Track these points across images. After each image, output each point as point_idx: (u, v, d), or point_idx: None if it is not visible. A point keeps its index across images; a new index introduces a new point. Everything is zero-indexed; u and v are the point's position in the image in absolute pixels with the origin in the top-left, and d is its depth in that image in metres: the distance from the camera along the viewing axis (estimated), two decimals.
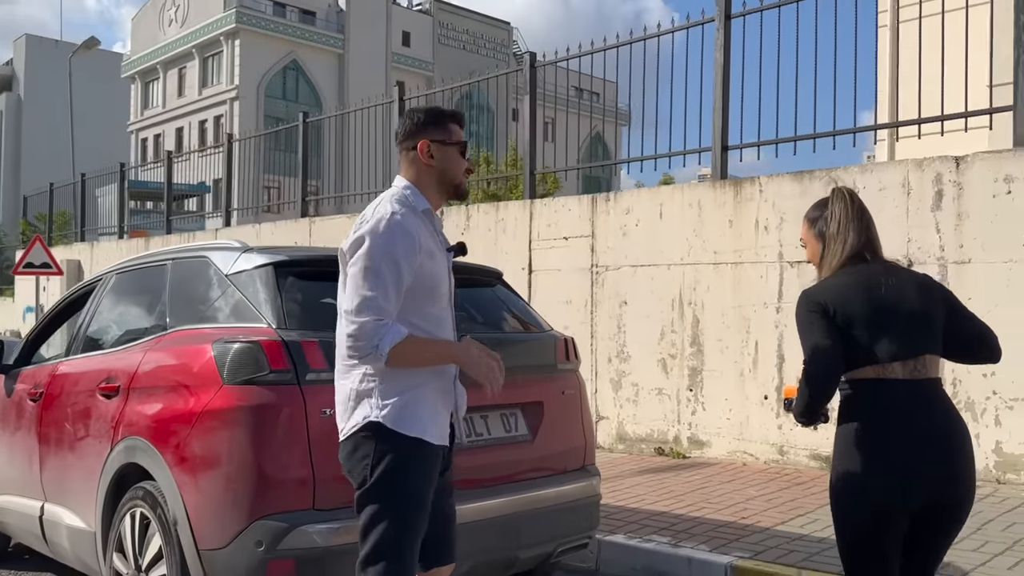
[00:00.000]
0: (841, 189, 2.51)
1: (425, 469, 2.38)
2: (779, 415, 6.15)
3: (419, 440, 2.35)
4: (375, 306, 2.26)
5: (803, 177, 6.18)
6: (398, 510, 2.33)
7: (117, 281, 4.10)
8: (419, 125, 2.49)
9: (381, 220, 2.35)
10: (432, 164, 2.47)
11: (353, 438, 2.36)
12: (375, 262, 2.29)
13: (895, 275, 2.39)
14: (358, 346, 2.28)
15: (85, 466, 3.52)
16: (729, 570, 3.90)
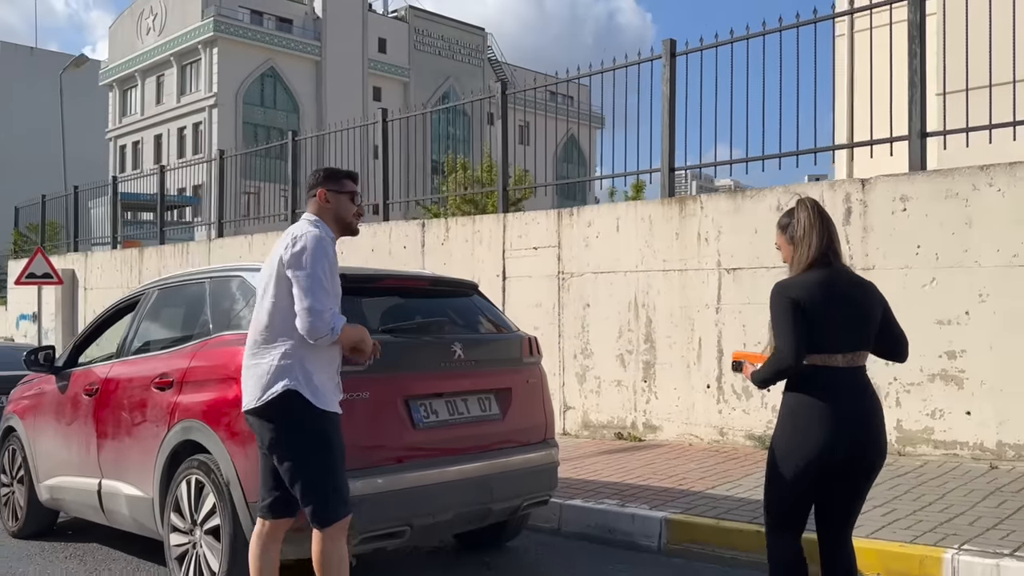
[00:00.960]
0: (804, 199, 3.06)
1: (323, 424, 3.18)
2: (719, 401, 7.11)
3: (326, 411, 3.20)
4: (328, 301, 3.14)
5: (736, 196, 7.15)
6: (312, 455, 3.14)
7: (159, 296, 4.96)
8: (320, 179, 3.42)
9: (315, 239, 3.21)
10: (328, 206, 3.39)
11: (272, 403, 3.14)
12: (319, 269, 3.16)
13: (848, 280, 2.94)
14: (320, 327, 3.10)
15: (143, 446, 4.38)
16: (663, 523, 4.83)
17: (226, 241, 12.91)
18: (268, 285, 3.26)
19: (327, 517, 3.15)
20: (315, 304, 3.11)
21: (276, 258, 3.24)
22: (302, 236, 3.24)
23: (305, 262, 3.16)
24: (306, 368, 3.17)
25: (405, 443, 3.93)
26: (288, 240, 3.25)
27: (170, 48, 46.90)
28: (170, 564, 4.13)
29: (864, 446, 2.89)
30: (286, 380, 3.15)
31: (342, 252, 10.37)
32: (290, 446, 3.17)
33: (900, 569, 3.97)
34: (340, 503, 3.19)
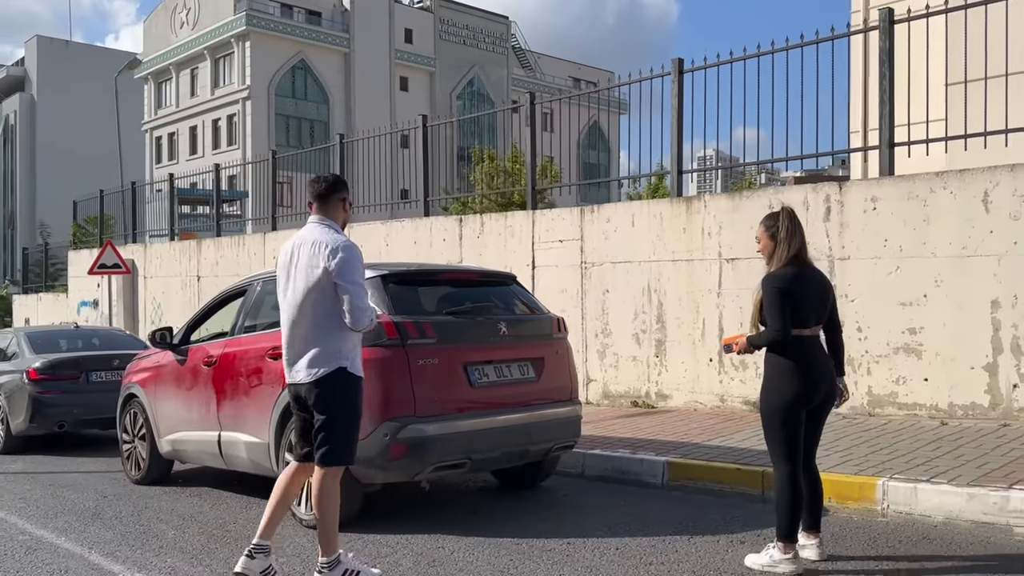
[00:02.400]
0: (786, 208, 4.24)
1: (360, 392, 4.03)
2: (720, 372, 8.29)
3: (360, 377, 4.06)
4: (367, 299, 3.95)
5: (734, 196, 8.29)
6: (346, 418, 3.98)
7: (264, 286, 6.22)
8: (342, 188, 4.12)
9: (349, 247, 3.89)
10: (344, 213, 4.13)
11: (331, 376, 3.92)
12: (359, 275, 3.91)
13: (814, 275, 4.20)
14: (365, 321, 3.89)
15: (259, 404, 5.65)
16: (665, 465, 6.04)
17: (280, 234, 14.19)
18: (314, 286, 3.89)
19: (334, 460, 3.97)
20: (361, 304, 3.89)
21: (318, 265, 3.87)
22: (339, 247, 3.89)
23: (348, 269, 3.87)
24: (347, 348, 3.97)
25: (465, 397, 5.17)
26: (326, 251, 3.87)
27: (204, 42, 48.35)
28: None
29: (830, 388, 4.15)
30: (336, 359, 3.93)
31: (387, 245, 11.63)
32: (333, 406, 3.94)
33: (846, 493, 5.14)
34: (348, 453, 4.01)
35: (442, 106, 54.23)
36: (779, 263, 4.11)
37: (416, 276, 5.72)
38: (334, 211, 4.06)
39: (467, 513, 5.57)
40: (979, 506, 4.65)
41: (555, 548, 4.52)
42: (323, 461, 3.93)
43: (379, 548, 4.65)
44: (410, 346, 5.04)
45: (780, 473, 4.09)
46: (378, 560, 4.40)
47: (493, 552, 4.49)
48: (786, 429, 4.07)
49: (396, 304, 5.23)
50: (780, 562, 4.00)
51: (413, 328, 5.09)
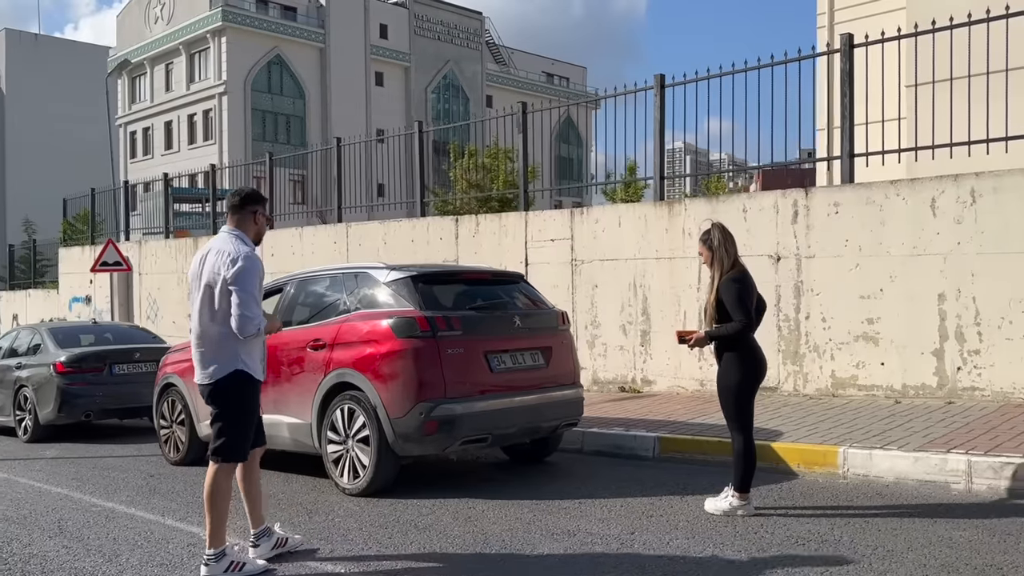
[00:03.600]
0: (716, 223, 5.20)
1: (255, 393, 4.33)
2: (700, 360, 9.16)
3: (256, 379, 4.29)
4: (256, 309, 4.07)
5: (712, 199, 9.17)
6: (239, 418, 4.24)
7: (299, 284, 6.96)
8: (255, 200, 4.29)
9: (249, 258, 4.05)
10: (255, 225, 4.29)
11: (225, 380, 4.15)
12: (251, 284, 4.05)
13: (750, 274, 5.13)
14: (250, 328, 4.01)
15: (301, 388, 6.39)
16: (656, 440, 6.89)
17: (278, 232, 14.83)
18: (216, 294, 4.06)
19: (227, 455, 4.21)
20: (247, 312, 4.02)
21: (218, 273, 4.05)
22: (239, 256, 4.05)
23: (242, 278, 4.02)
24: (244, 350, 4.16)
25: (486, 381, 5.98)
26: (227, 259, 4.04)
27: (179, 37, 48.40)
28: (328, 465, 6.17)
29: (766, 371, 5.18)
30: (232, 362, 4.11)
31: (385, 244, 12.41)
32: (229, 406, 4.19)
33: (812, 460, 6.04)
34: (241, 451, 4.25)
35: (417, 101, 54.79)
36: (725, 267, 5.04)
37: (439, 275, 6.50)
38: (246, 223, 4.24)
39: (486, 482, 6.38)
40: (923, 467, 5.56)
41: (569, 506, 5.35)
42: (217, 457, 4.18)
43: (419, 508, 5.43)
44: (440, 337, 5.82)
45: (738, 440, 5.05)
46: (420, 517, 5.19)
47: (517, 509, 5.30)
48: (742, 405, 5.04)
49: (425, 300, 6.01)
50: (739, 507, 4.96)
51: (442, 322, 5.87)
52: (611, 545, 4.44)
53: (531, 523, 4.96)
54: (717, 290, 5.10)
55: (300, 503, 5.81)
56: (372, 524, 5.10)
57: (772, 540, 4.43)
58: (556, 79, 65.42)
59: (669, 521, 4.90)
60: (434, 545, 4.60)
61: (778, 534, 4.54)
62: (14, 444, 10.08)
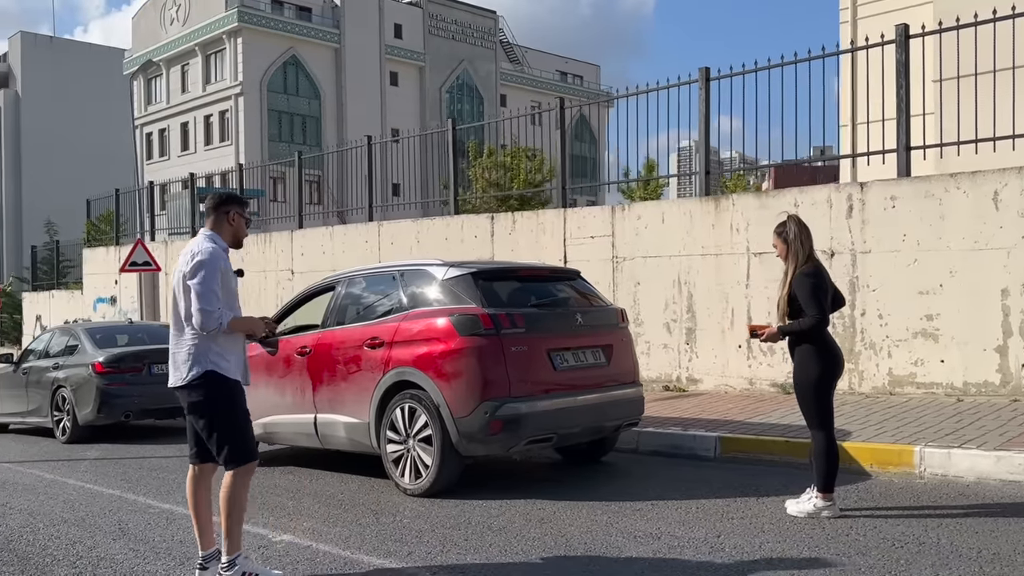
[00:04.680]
0: (792, 215, 5.06)
1: (233, 392, 4.04)
2: (749, 358, 9.00)
3: (235, 380, 4.06)
4: (216, 300, 3.90)
5: (761, 196, 9.00)
6: (225, 418, 3.98)
7: (351, 282, 6.84)
8: (230, 201, 4.18)
9: (208, 253, 3.94)
10: (231, 226, 4.17)
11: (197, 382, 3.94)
12: (209, 278, 3.90)
13: (825, 268, 5.02)
14: (210, 322, 3.85)
15: (358, 387, 6.26)
16: (717, 440, 6.74)
17: (307, 232, 14.77)
18: (180, 292, 3.99)
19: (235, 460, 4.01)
20: (205, 306, 3.89)
21: (181, 272, 3.99)
22: (199, 252, 3.97)
23: (200, 274, 3.92)
24: (215, 351, 3.98)
25: (550, 380, 5.84)
26: (188, 256, 3.99)
27: (195, 38, 48.43)
28: (387, 465, 6.05)
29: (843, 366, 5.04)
30: (202, 363, 3.96)
31: (418, 242, 12.36)
32: (212, 409, 3.98)
33: (885, 459, 5.87)
34: (247, 452, 4.02)
35: (432, 101, 54.70)
36: (800, 261, 4.88)
37: (498, 272, 6.37)
38: (220, 225, 4.17)
39: (545, 482, 6.24)
40: (1006, 467, 5.39)
41: (642, 508, 5.20)
42: (228, 464, 4.01)
43: (487, 510, 5.30)
44: (504, 335, 5.69)
45: (819, 437, 4.88)
46: (491, 519, 5.06)
47: (590, 511, 5.17)
48: (822, 401, 4.87)
49: (486, 297, 5.88)
50: (823, 508, 4.78)
51: (506, 319, 5.74)
52: (700, 549, 4.29)
53: (609, 525, 4.82)
54: (790, 284, 4.95)
55: (363, 504, 5.69)
56: (444, 525, 4.98)
57: (867, 543, 4.27)
58: (570, 77, 65.23)
59: (753, 524, 4.75)
60: (514, 548, 4.47)
61: (871, 536, 4.39)
62: (53, 445, 10.02)
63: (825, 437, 4.87)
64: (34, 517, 5.76)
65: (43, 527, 5.45)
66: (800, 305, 4.86)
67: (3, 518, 5.77)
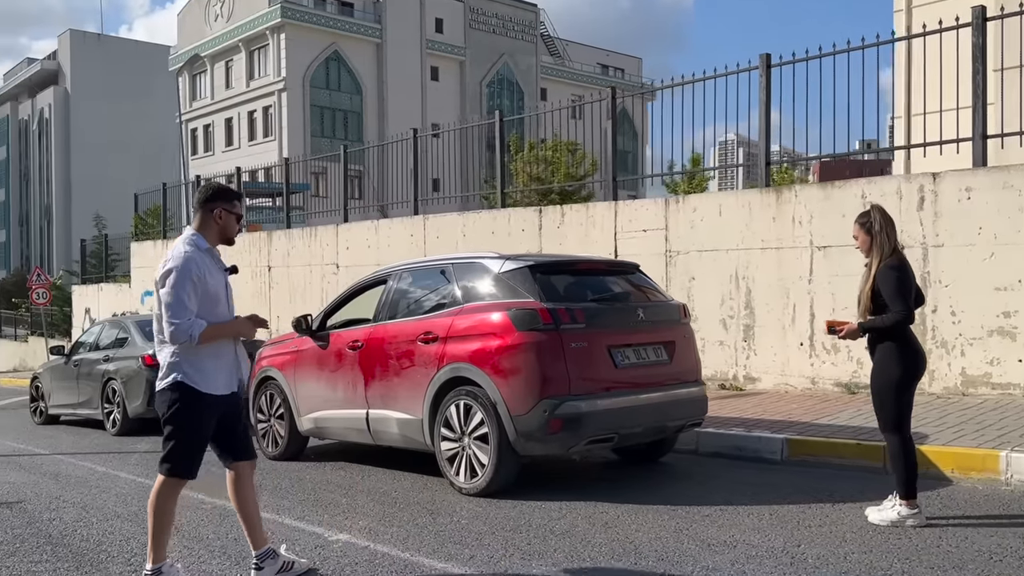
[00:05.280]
0: (875, 205, 4.78)
1: (204, 408, 3.83)
2: (811, 356, 8.66)
3: (202, 392, 3.81)
4: (185, 311, 3.70)
5: (826, 186, 8.64)
6: (183, 431, 3.83)
7: (404, 275, 6.68)
8: (216, 197, 3.89)
9: (179, 258, 3.73)
10: (218, 224, 3.91)
11: (166, 390, 3.83)
12: (179, 288, 3.69)
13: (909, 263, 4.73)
14: (178, 336, 3.69)
15: (411, 383, 6.10)
16: (784, 442, 6.44)
17: (352, 226, 14.68)
18: (158, 298, 3.82)
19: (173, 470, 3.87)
20: (172, 318, 3.72)
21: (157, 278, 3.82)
22: (171, 258, 3.78)
23: (168, 283, 3.73)
24: (188, 361, 3.80)
25: (611, 377, 5.61)
26: (161, 261, 3.82)
27: (239, 34, 48.92)
28: (442, 463, 5.87)
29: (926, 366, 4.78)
30: (174, 372, 3.82)
31: (464, 236, 12.15)
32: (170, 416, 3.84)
33: (968, 464, 5.53)
34: (187, 468, 3.87)
35: (472, 95, 54.60)
36: (885, 254, 4.58)
37: (556, 265, 6.15)
38: (206, 223, 3.92)
39: (604, 483, 6.02)
40: None
41: (711, 513, 4.95)
42: (163, 469, 3.89)
43: (547, 511, 5.10)
44: (563, 330, 5.47)
45: (894, 441, 4.60)
46: (552, 521, 4.85)
47: (655, 516, 4.93)
48: (900, 402, 4.59)
49: (544, 291, 5.66)
50: (908, 517, 4.50)
51: (565, 314, 5.52)
52: (780, 559, 4.04)
53: (679, 532, 4.59)
54: (874, 278, 4.65)
55: (417, 502, 5.52)
56: (503, 528, 4.78)
57: (963, 556, 3.98)
58: (611, 71, 64.67)
59: (833, 532, 4.48)
60: (581, 553, 4.26)
61: (965, 549, 4.09)
62: (103, 437, 10.06)
63: (900, 440, 4.59)
64: (88, 511, 5.70)
65: (96, 522, 5.38)
66: (884, 301, 4.57)
67: (57, 512, 5.72)
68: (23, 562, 4.48)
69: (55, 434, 10.62)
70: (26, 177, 74.95)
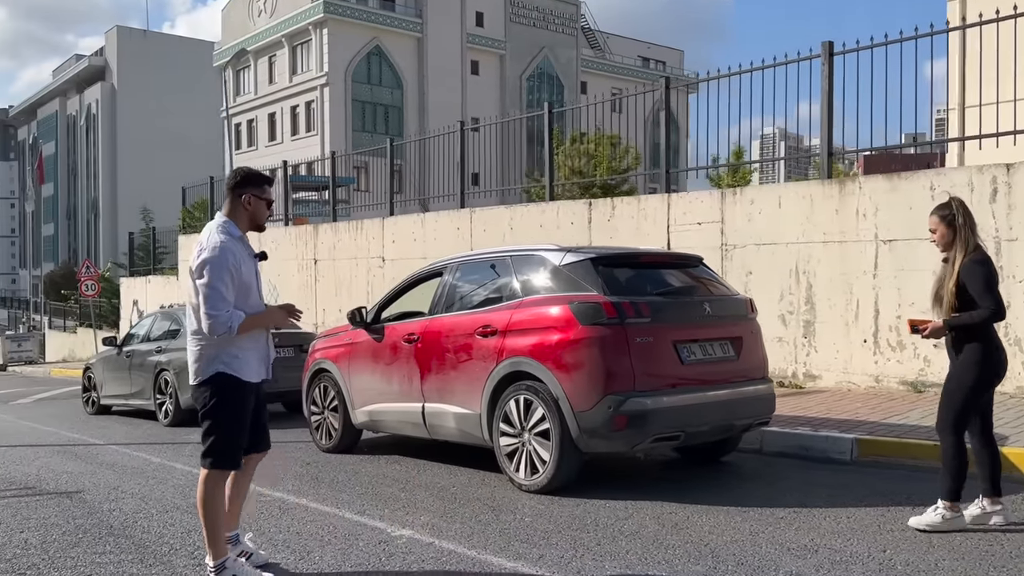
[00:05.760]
0: (955, 197, 4.56)
1: (244, 397, 3.81)
2: (875, 353, 8.38)
3: (243, 380, 3.79)
4: (224, 302, 3.64)
5: (892, 177, 8.34)
6: (225, 423, 3.78)
7: (460, 268, 6.57)
8: (244, 183, 3.82)
9: (214, 248, 3.64)
10: (247, 210, 3.84)
11: (205, 383, 3.77)
12: (215, 278, 3.61)
13: None
14: (218, 327, 3.62)
15: (469, 377, 5.98)
16: (854, 442, 6.21)
17: (399, 219, 14.64)
18: (191, 290, 3.76)
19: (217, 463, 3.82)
20: (210, 310, 3.63)
21: (189, 266, 3.77)
22: (206, 248, 3.68)
23: (205, 273, 3.65)
24: (228, 351, 3.74)
25: (677, 374, 5.43)
26: (196, 250, 3.70)
27: (282, 29, 49.34)
28: (500, 458, 5.75)
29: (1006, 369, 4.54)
30: (214, 363, 3.75)
31: (512, 229, 11.99)
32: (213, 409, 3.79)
33: None
34: (231, 460, 3.82)
35: (512, 89, 54.44)
36: (970, 248, 4.37)
37: (619, 258, 5.99)
38: (235, 210, 3.86)
39: (666, 482, 5.85)
40: None
41: (786, 516, 4.76)
42: (206, 463, 3.84)
43: (613, 511, 4.95)
44: (628, 324, 5.31)
45: (948, 442, 4.41)
46: (619, 521, 4.70)
47: (727, 517, 4.76)
48: (969, 404, 4.39)
49: (608, 284, 5.51)
50: (951, 519, 4.34)
51: (630, 308, 5.36)
52: (868, 565, 3.84)
53: (754, 535, 4.41)
54: (958, 274, 4.41)
55: (477, 498, 5.41)
56: (570, 526, 4.65)
57: None
58: (652, 63, 64.04)
59: (919, 537, 4.27)
60: (655, 555, 4.10)
61: None
62: (155, 427, 10.14)
63: (955, 442, 4.41)
64: (146, 502, 5.69)
65: (156, 513, 5.36)
66: (970, 296, 4.34)
67: (117, 502, 5.72)
68: (87, 553, 4.46)
69: (108, 424, 10.73)
70: (73, 172, 76.63)
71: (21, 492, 6.22)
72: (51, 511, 5.49)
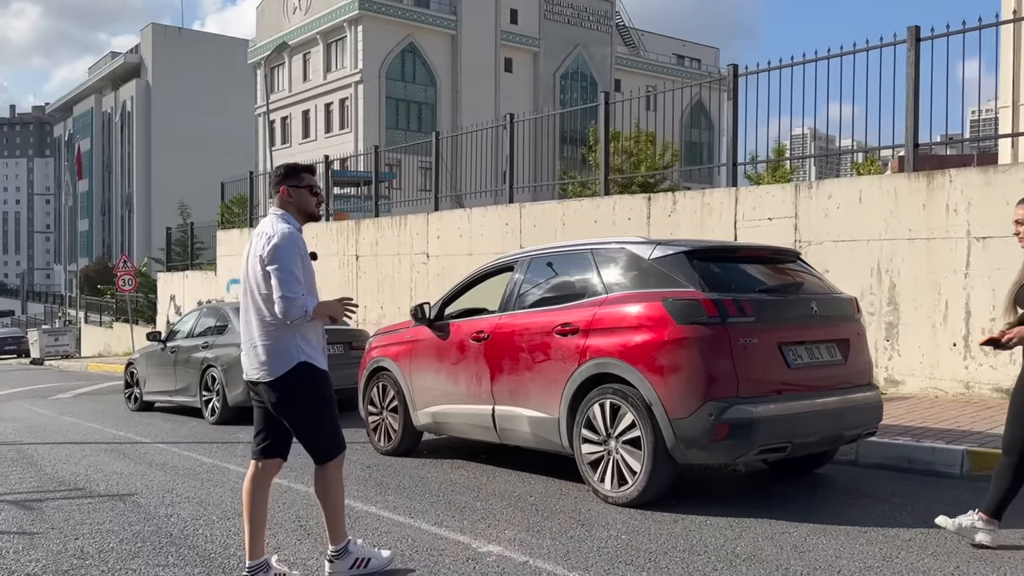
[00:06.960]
0: None
1: (329, 383, 3.76)
2: (966, 357, 7.83)
3: (321, 369, 3.74)
4: (299, 284, 3.58)
5: (987, 170, 7.79)
6: (326, 411, 3.72)
7: (534, 263, 6.14)
8: (281, 177, 3.83)
9: (283, 235, 3.62)
10: (290, 200, 3.79)
11: (289, 374, 3.65)
12: (289, 262, 3.58)
13: None
14: (294, 312, 3.54)
15: (546, 378, 5.55)
16: (965, 454, 5.70)
17: (444, 214, 14.27)
18: (259, 280, 3.66)
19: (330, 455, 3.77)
20: (287, 293, 3.56)
21: (257, 256, 3.66)
22: (275, 234, 3.65)
23: (278, 258, 3.59)
24: (304, 340, 3.69)
25: (783, 379, 4.96)
26: (264, 239, 3.67)
27: (316, 27, 49.34)
28: (583, 467, 5.32)
29: None
30: (294, 355, 3.66)
31: (563, 224, 11.54)
32: (302, 404, 3.70)
33: None
34: (338, 444, 3.78)
35: (546, 87, 54.00)
36: None
37: (715, 251, 5.54)
38: (284, 205, 3.81)
39: (769, 497, 5.36)
40: None
41: (913, 538, 4.29)
42: (319, 461, 3.79)
43: (719, 530, 4.50)
44: (730, 324, 4.85)
45: (1009, 461, 4.10)
46: (729, 542, 4.25)
47: (850, 539, 4.28)
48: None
49: (706, 280, 5.05)
50: (982, 529, 4.12)
51: (733, 306, 4.90)
52: None
53: (888, 560, 3.94)
54: None
55: (561, 510, 4.99)
56: (676, 547, 4.20)
57: None
58: (687, 61, 63.28)
59: None
60: None
61: None
62: (201, 425, 9.84)
63: (1015, 464, 4.08)
64: (205, 508, 5.34)
65: (217, 520, 5.00)
66: None
67: (173, 507, 5.37)
68: (149, 566, 4.11)
69: (152, 421, 10.46)
70: (108, 168, 77.46)
71: (71, 493, 5.91)
72: (105, 515, 5.16)
